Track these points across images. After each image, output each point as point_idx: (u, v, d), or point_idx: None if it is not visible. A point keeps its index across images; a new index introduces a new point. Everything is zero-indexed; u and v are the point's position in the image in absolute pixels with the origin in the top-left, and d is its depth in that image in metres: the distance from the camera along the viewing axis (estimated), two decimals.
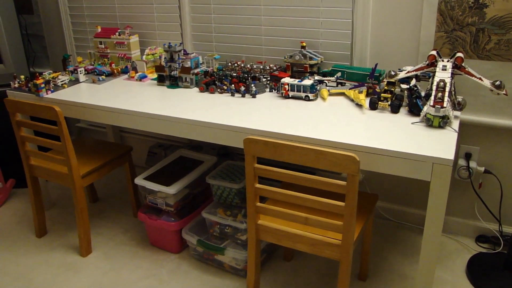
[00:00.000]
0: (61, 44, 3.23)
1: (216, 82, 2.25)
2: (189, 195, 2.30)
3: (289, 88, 2.09)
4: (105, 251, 2.40)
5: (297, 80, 2.09)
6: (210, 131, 1.89)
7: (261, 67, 2.41)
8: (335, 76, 2.19)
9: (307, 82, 2.07)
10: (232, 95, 2.18)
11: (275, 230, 1.75)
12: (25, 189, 3.10)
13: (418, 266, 1.65)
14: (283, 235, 1.74)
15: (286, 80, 2.11)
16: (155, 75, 2.54)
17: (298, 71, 2.29)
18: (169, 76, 2.35)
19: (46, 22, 3.23)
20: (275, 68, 2.37)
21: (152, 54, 2.59)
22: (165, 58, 2.35)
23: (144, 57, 2.56)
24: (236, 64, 2.47)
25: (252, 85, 2.14)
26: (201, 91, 2.25)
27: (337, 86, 2.20)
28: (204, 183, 2.35)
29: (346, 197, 1.57)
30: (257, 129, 1.78)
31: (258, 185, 1.71)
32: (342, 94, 2.14)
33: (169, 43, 2.33)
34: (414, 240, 2.39)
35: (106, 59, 2.76)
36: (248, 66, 2.43)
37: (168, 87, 2.35)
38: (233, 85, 2.17)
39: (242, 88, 2.14)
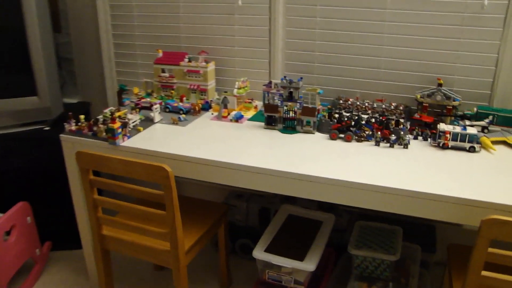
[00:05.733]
0: (95, 69, 2.59)
1: (351, 128, 1.84)
2: None
3: (450, 137, 1.75)
4: None
5: (460, 127, 1.75)
6: (376, 196, 1.49)
7: (383, 106, 2.04)
8: (486, 121, 1.88)
9: (472, 130, 1.74)
10: (377, 144, 1.78)
11: None
12: (62, 252, 2.44)
13: None
14: None
15: (447, 127, 1.76)
16: (248, 114, 2.07)
17: (434, 113, 1.96)
18: (283, 118, 1.90)
19: (77, 43, 2.57)
20: (401, 108, 2.02)
21: (244, 88, 2.11)
22: (280, 95, 1.91)
23: (235, 91, 2.07)
24: (348, 102, 2.08)
25: (402, 132, 1.77)
26: (333, 138, 1.83)
27: (482, 131, 1.89)
28: (326, 248, 1.92)
29: None
30: (454, 196, 1.41)
31: (485, 273, 1.34)
32: (502, 142, 1.84)
33: (285, 77, 1.88)
34: None
35: (172, 91, 2.23)
36: (367, 104, 2.05)
37: (282, 131, 1.90)
38: (379, 133, 1.78)
39: (393, 137, 1.76)
